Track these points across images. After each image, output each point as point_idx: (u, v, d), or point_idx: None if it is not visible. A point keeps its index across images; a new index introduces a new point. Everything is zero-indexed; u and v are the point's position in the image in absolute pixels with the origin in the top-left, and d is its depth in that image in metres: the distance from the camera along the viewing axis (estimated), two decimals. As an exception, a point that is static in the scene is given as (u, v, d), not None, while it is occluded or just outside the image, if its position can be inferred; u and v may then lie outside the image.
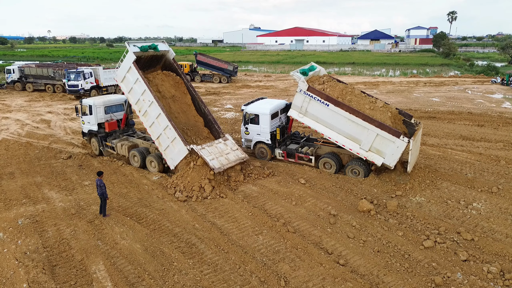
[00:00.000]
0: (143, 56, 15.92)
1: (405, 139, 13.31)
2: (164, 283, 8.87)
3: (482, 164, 15.95)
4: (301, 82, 14.98)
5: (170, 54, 16.75)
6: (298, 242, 10.48)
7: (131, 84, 15.39)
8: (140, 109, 15.33)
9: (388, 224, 11.41)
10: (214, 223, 11.49)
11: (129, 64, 15.14)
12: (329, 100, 14.50)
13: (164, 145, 14.62)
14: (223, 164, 13.77)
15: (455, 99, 31.76)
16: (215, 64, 44.22)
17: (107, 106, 17.40)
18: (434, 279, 8.94)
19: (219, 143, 14.74)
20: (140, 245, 10.33)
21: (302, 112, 15.42)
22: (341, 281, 8.91)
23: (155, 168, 15.56)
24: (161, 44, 16.69)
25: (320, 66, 17.16)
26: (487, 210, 12.08)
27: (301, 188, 13.89)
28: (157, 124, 14.69)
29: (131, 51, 15.04)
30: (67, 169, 16.01)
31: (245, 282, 8.93)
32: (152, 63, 16.82)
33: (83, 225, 11.38)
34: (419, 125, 15.13)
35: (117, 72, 15.96)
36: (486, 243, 10.29)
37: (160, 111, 14.38)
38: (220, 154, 14.12)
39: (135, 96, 15.40)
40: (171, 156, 14.58)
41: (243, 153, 15.00)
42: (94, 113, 17.12)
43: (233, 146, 14.96)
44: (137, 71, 14.88)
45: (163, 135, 14.57)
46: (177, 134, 14.03)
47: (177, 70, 16.81)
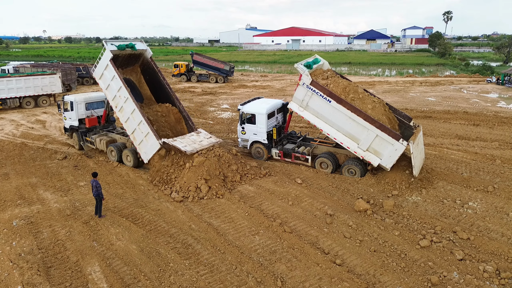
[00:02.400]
0: (121, 55, 16.46)
1: (404, 143, 13.31)
2: (160, 284, 8.82)
3: (477, 164, 16.02)
4: (305, 75, 14.81)
5: (147, 53, 17.33)
6: (294, 242, 10.47)
7: (108, 81, 15.89)
8: (116, 105, 15.87)
9: (385, 223, 11.42)
10: (210, 224, 11.45)
11: (106, 62, 15.68)
12: (331, 97, 14.39)
13: (139, 140, 15.13)
14: (195, 148, 14.27)
15: (450, 99, 31.91)
16: (211, 64, 44.14)
17: (88, 102, 18.08)
18: (430, 278, 8.96)
19: (191, 135, 15.36)
20: (136, 246, 10.27)
21: (303, 106, 15.31)
22: (337, 281, 8.90)
23: (130, 162, 16.13)
24: (139, 43, 17.21)
25: (324, 60, 16.99)
26: (483, 209, 12.13)
27: (298, 188, 13.87)
28: (132, 119, 15.19)
29: (108, 49, 15.58)
30: (62, 169, 15.90)
31: (242, 282, 8.89)
32: (130, 61, 17.47)
33: (78, 226, 11.29)
34: (418, 128, 15.09)
35: (95, 69, 16.51)
36: (482, 242, 10.33)
37: (134, 107, 14.88)
38: (193, 142, 14.65)
39: (112, 93, 15.92)
40: (144, 150, 15.08)
41: (216, 139, 15.54)
42: (75, 109, 17.81)
43: (206, 135, 15.60)
44: (114, 68, 15.40)
45: (137, 130, 15.08)
46: (150, 129, 14.49)
47: (153, 68, 17.30)
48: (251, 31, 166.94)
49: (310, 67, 15.63)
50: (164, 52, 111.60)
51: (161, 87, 17.28)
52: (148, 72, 17.68)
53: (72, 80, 36.10)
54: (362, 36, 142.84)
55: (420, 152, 14.79)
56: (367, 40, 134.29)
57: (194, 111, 28.11)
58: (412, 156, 13.30)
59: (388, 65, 70.22)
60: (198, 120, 25.21)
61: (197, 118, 25.92)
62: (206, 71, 45.06)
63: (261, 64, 73.94)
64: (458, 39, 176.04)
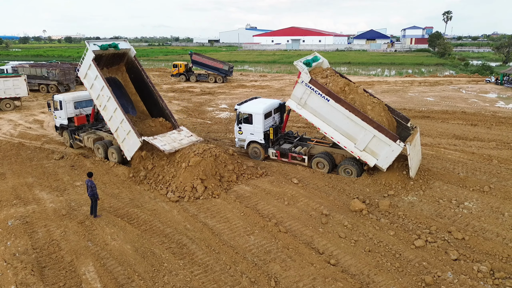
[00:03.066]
0: (104, 54, 16.80)
1: (401, 144, 13.30)
2: (154, 284, 8.82)
3: (474, 163, 16.00)
4: (304, 73, 14.74)
5: (131, 52, 17.64)
6: (289, 242, 10.46)
7: (92, 81, 16.20)
8: (100, 103, 16.19)
9: (380, 223, 11.41)
10: (205, 224, 11.44)
11: (89, 62, 15.98)
12: (330, 96, 14.33)
13: (122, 137, 15.47)
14: (175, 147, 14.56)
15: (449, 99, 31.89)
16: (210, 63, 44.11)
17: (76, 101, 18.60)
18: (424, 278, 8.96)
19: (172, 133, 15.64)
20: (131, 245, 10.26)
21: (301, 104, 15.25)
22: (331, 281, 8.90)
23: (115, 159, 16.48)
24: (122, 42, 17.48)
25: (324, 58, 16.89)
26: (479, 209, 12.12)
27: (294, 188, 13.87)
28: (115, 118, 15.52)
29: (90, 50, 15.83)
30: (59, 169, 15.90)
31: (236, 282, 8.89)
32: (115, 60, 17.88)
33: (73, 226, 11.29)
34: (416, 129, 15.07)
35: (80, 69, 16.84)
36: (477, 242, 10.32)
37: (116, 105, 15.16)
38: (173, 141, 14.96)
39: (95, 92, 16.22)
40: (127, 148, 15.37)
41: (197, 138, 15.78)
42: (64, 108, 18.32)
43: (187, 134, 15.86)
44: (96, 68, 15.67)
45: (120, 128, 15.40)
46: (131, 127, 14.81)
47: (137, 67, 17.61)
48: (251, 31, 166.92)
49: (310, 65, 15.54)
50: (164, 52, 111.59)
51: (145, 85, 17.63)
52: (133, 71, 18.07)
53: (71, 80, 36.12)
54: (362, 36, 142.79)
55: (417, 153, 14.76)
56: (367, 40, 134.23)
57: (192, 111, 28.12)
58: (409, 157, 13.28)
59: (388, 65, 70.15)
60: (196, 120, 25.23)
61: (195, 118, 25.93)
62: (205, 71, 45.03)
63: (260, 64, 73.87)
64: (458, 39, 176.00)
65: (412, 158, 13.60)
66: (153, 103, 17.43)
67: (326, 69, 16.71)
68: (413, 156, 13.77)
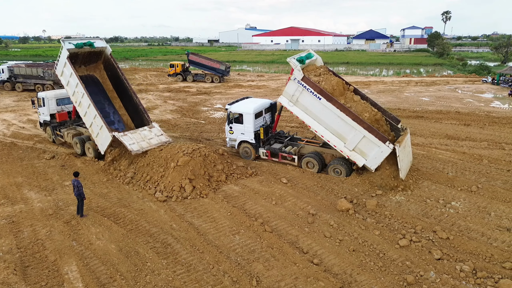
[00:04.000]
0: (80, 53, 17.46)
1: (390, 146, 13.29)
2: (135, 283, 8.82)
3: (464, 163, 16.00)
4: (297, 70, 14.64)
5: (107, 50, 18.29)
6: (274, 241, 10.47)
7: (67, 78, 16.75)
8: (76, 100, 16.73)
9: (366, 223, 11.41)
10: (191, 223, 11.45)
11: (64, 60, 16.52)
12: (322, 94, 14.26)
13: (95, 132, 15.99)
14: (143, 147, 15.04)
15: (444, 99, 31.87)
16: (207, 63, 44.14)
17: (58, 98, 19.30)
18: (406, 277, 8.96)
19: (143, 130, 15.98)
20: (115, 245, 10.28)
21: (293, 101, 15.17)
22: (313, 280, 8.90)
23: (91, 154, 16.98)
24: (98, 41, 18.02)
25: (318, 55, 16.80)
26: (465, 209, 12.12)
27: (283, 188, 13.87)
28: (89, 113, 16.05)
29: (65, 48, 16.40)
30: (49, 169, 15.92)
31: (217, 282, 8.90)
32: (92, 58, 18.57)
33: (59, 225, 11.30)
34: (406, 131, 15.03)
35: (57, 67, 17.37)
36: (461, 242, 10.32)
37: (90, 102, 15.67)
38: (142, 139, 15.37)
39: (71, 89, 16.75)
40: (100, 142, 15.91)
41: (167, 138, 16.17)
42: (47, 104, 19.04)
43: (157, 132, 16.18)
44: (71, 66, 16.20)
45: (94, 123, 15.92)
46: (103, 122, 15.33)
47: (113, 64, 18.23)
48: (251, 31, 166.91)
49: (303, 62, 15.45)
50: (163, 52, 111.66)
51: (120, 82, 18.17)
52: (109, 69, 18.66)
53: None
54: (361, 36, 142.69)
55: (408, 154, 14.71)
56: (366, 40, 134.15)
57: (186, 110, 28.14)
58: (398, 159, 13.25)
59: (386, 65, 70.13)
60: (190, 120, 25.24)
61: (189, 118, 25.94)
62: (202, 70, 45.04)
63: (259, 64, 73.87)
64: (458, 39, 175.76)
65: (402, 159, 13.58)
66: (128, 99, 18.02)
67: (320, 67, 16.65)
68: (403, 158, 13.75)
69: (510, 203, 12.42)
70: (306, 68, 15.78)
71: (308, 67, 16.04)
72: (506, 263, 9.43)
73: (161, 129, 16.62)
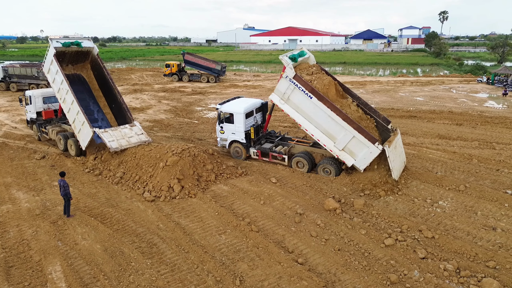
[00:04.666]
0: (67, 51, 18.04)
1: (379, 147, 13.30)
2: (118, 283, 8.81)
3: (454, 163, 16.03)
4: (289, 68, 14.59)
5: (95, 50, 18.83)
6: (260, 241, 10.47)
7: (53, 75, 17.18)
8: (60, 96, 17.13)
9: (352, 222, 11.42)
10: (178, 223, 11.45)
11: (51, 58, 16.99)
12: (313, 93, 14.22)
13: (78, 128, 16.36)
14: (122, 145, 15.43)
15: (438, 98, 31.93)
16: (202, 63, 44.13)
17: (45, 97, 19.81)
18: (389, 276, 8.97)
19: (124, 128, 16.38)
20: (101, 245, 10.26)
21: (284, 99, 15.13)
22: (296, 279, 8.91)
23: (73, 150, 17.28)
24: (85, 41, 18.61)
25: (311, 53, 16.73)
26: (452, 208, 12.15)
27: (272, 187, 13.87)
28: (72, 110, 16.45)
29: (52, 46, 16.95)
30: (39, 169, 15.88)
31: (201, 281, 8.90)
32: (79, 58, 19.10)
33: (45, 225, 11.28)
34: (396, 131, 15.03)
35: (44, 65, 17.83)
36: (446, 241, 10.34)
37: (73, 98, 16.09)
38: (122, 137, 15.76)
39: (57, 86, 17.15)
40: (82, 138, 16.29)
41: (147, 137, 16.45)
42: (33, 103, 19.60)
43: (138, 131, 16.54)
44: (57, 63, 16.65)
45: (76, 120, 16.30)
46: (85, 118, 15.72)
47: (100, 64, 18.72)
48: (249, 31, 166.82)
49: (295, 60, 15.41)
50: (161, 51, 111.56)
51: (106, 81, 18.61)
52: (96, 68, 19.11)
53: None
54: (359, 36, 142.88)
55: (400, 155, 14.68)
56: (363, 40, 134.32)
57: (180, 110, 28.12)
58: (389, 159, 13.25)
59: (383, 65, 70.23)
60: (183, 120, 25.23)
61: (183, 117, 25.93)
62: (198, 70, 45.04)
63: (256, 64, 73.89)
64: (456, 39, 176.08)
65: (393, 160, 13.58)
66: (113, 99, 18.42)
67: (313, 65, 16.63)
68: (394, 158, 13.74)
69: (497, 202, 12.45)
70: (298, 66, 15.76)
71: (301, 66, 16.03)
72: (490, 262, 9.45)
73: (142, 128, 17.02)
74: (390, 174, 13.62)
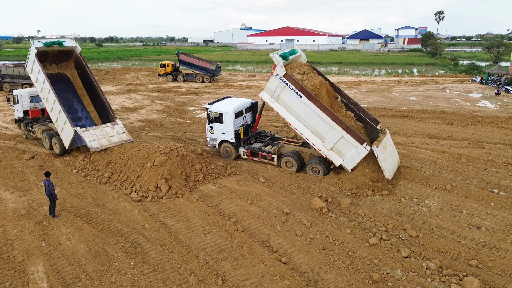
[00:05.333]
0: (50, 51, 18.22)
1: (367, 147, 13.31)
2: (100, 283, 8.79)
3: (443, 162, 16.08)
4: (279, 66, 14.54)
5: (77, 50, 19.01)
6: (244, 240, 10.47)
7: (36, 75, 17.39)
8: (43, 96, 17.27)
9: (338, 222, 11.44)
10: (164, 223, 11.43)
11: (33, 58, 17.26)
12: (303, 92, 14.18)
13: (60, 127, 16.55)
14: (102, 145, 15.64)
15: (431, 98, 32.02)
16: (197, 63, 44.09)
17: (32, 96, 19.96)
18: (372, 275, 8.99)
19: (106, 126, 16.54)
20: (84, 245, 10.24)
21: (274, 97, 15.09)
22: (279, 279, 8.91)
23: (58, 149, 17.43)
24: (68, 40, 18.86)
25: (302, 51, 16.66)
26: (438, 207, 12.19)
27: (260, 187, 13.87)
28: (54, 109, 16.63)
29: (33, 46, 17.17)
30: (27, 169, 15.83)
31: (183, 281, 8.89)
32: (63, 57, 19.29)
33: (30, 226, 11.24)
34: (384, 132, 15.03)
35: (27, 65, 18.15)
36: (430, 240, 10.37)
37: (55, 97, 16.24)
38: (103, 137, 15.95)
39: (39, 85, 17.33)
40: (65, 137, 16.47)
41: (128, 137, 16.61)
42: (20, 102, 19.84)
43: (119, 130, 16.69)
44: (39, 63, 16.88)
45: (59, 119, 16.49)
46: (67, 117, 15.91)
47: (83, 63, 18.92)
48: (246, 31, 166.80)
49: (286, 59, 15.32)
50: (157, 51, 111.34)
51: (89, 80, 18.78)
52: (80, 67, 19.28)
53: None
54: (355, 36, 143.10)
55: (391, 155, 14.64)
56: (360, 40, 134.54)
57: (173, 110, 28.08)
58: (379, 160, 13.25)
59: (379, 65, 70.34)
60: (175, 120, 25.20)
61: (175, 117, 25.90)
62: (193, 70, 45.00)
63: (252, 64, 73.85)
64: (452, 39, 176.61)
65: (384, 160, 13.59)
66: (96, 97, 18.51)
67: (304, 65, 16.56)
68: (385, 158, 13.74)
69: (483, 201, 12.50)
70: (290, 65, 15.70)
71: (292, 65, 15.96)
72: (472, 260, 9.49)
73: (130, 127, 17.44)
74: (381, 174, 13.57)
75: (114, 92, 36.45)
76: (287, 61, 15.40)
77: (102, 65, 71.08)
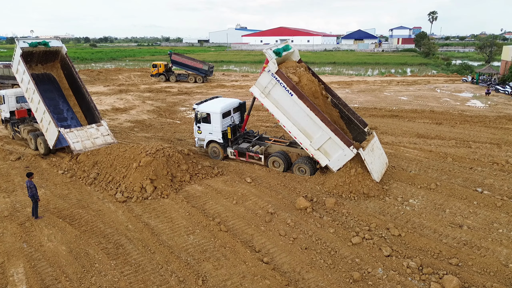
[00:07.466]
0: (35, 51, 18.23)
1: (354, 150, 13.33)
2: (80, 285, 8.74)
3: (429, 161, 16.18)
4: (272, 63, 14.37)
5: (63, 50, 19.01)
6: (227, 241, 10.46)
7: (21, 75, 17.45)
8: (29, 96, 17.32)
9: (322, 221, 11.46)
10: (147, 224, 11.39)
11: (18, 58, 17.27)
12: (294, 90, 14.10)
13: (45, 127, 16.59)
14: (86, 147, 15.72)
15: (422, 98, 32.21)
16: (190, 63, 44.02)
17: (18, 96, 20.06)
18: (353, 274, 9.02)
19: (91, 127, 16.63)
20: (66, 247, 10.17)
21: (265, 93, 14.96)
22: (259, 279, 8.91)
23: (42, 149, 17.48)
24: (54, 40, 18.83)
25: (296, 48, 16.51)
26: (422, 206, 12.25)
27: (246, 187, 13.87)
28: (39, 109, 16.68)
29: (18, 46, 17.23)
30: (12, 170, 15.71)
31: (164, 282, 8.87)
32: (49, 57, 19.30)
33: (12, 227, 11.15)
34: (372, 135, 15.04)
35: (13, 65, 18.12)
36: (412, 239, 10.43)
37: (39, 98, 16.29)
38: (88, 138, 16.05)
39: (25, 85, 17.41)
40: (49, 137, 16.54)
41: (113, 139, 16.70)
42: (7, 102, 19.90)
43: (104, 132, 16.74)
44: (23, 63, 16.96)
45: (44, 119, 16.52)
46: (51, 118, 15.93)
47: (69, 63, 18.98)
48: (240, 31, 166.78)
49: (280, 55, 15.16)
50: (152, 52, 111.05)
51: (74, 80, 18.82)
52: (66, 68, 19.35)
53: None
54: (350, 36, 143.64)
55: (379, 157, 14.63)
56: (354, 40, 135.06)
57: (164, 111, 28.00)
58: (366, 162, 13.26)
59: (372, 64, 70.68)
60: (165, 120, 25.13)
61: (165, 118, 25.83)
62: (185, 71, 44.92)
63: (247, 64, 73.86)
64: (446, 39, 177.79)
65: (372, 162, 13.61)
66: (82, 97, 18.57)
67: (300, 65, 16.41)
68: (372, 160, 13.76)
69: (466, 200, 12.59)
70: (285, 64, 15.55)
71: (287, 64, 15.75)
72: (453, 259, 9.55)
73: (109, 129, 17.15)
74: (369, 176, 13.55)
75: (105, 93, 36.29)
76: (280, 58, 15.22)
77: (96, 65, 70.74)
